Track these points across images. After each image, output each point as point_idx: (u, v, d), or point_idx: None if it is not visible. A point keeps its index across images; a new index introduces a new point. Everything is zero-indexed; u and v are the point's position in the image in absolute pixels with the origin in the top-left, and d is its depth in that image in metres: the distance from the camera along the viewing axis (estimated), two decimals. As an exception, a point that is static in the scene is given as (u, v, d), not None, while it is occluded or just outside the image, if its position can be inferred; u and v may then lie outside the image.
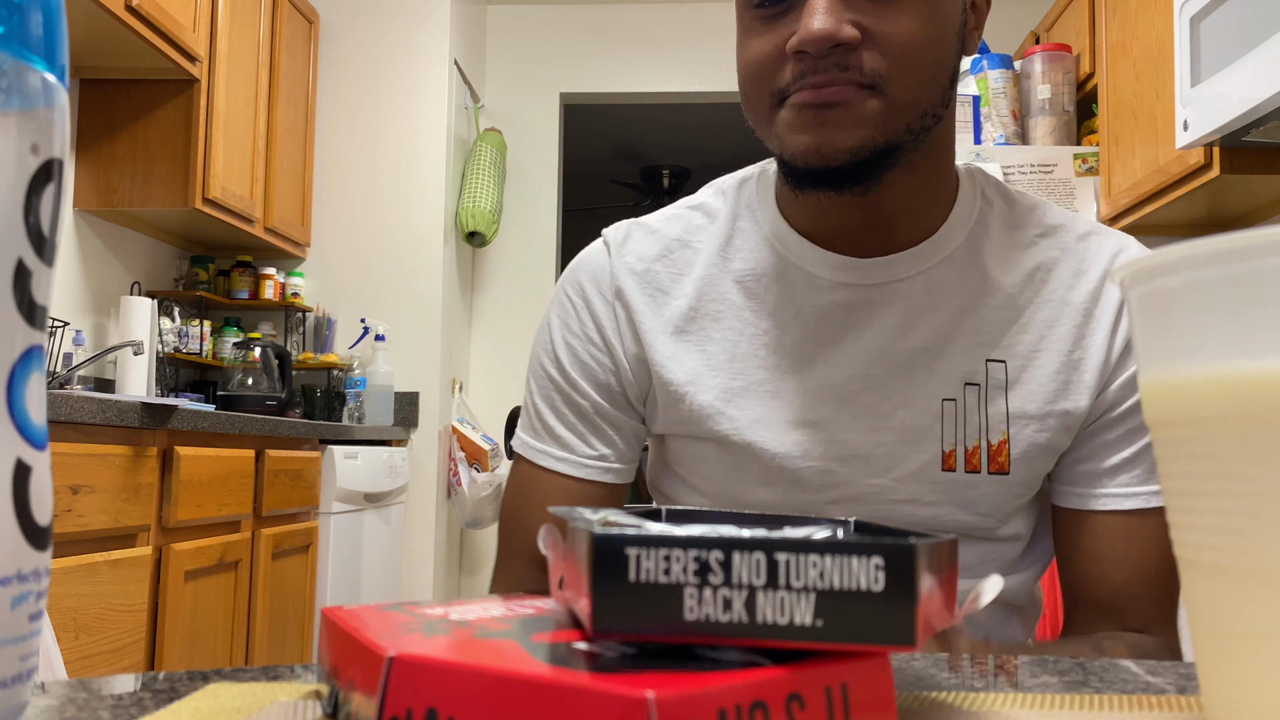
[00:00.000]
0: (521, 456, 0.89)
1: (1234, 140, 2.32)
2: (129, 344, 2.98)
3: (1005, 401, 0.79)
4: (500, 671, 0.29)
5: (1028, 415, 0.79)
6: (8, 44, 0.30)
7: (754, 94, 0.76)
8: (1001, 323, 0.80)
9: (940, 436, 0.79)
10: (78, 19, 2.60)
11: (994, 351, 0.79)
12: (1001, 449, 0.79)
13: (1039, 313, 0.80)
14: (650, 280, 0.86)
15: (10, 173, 0.30)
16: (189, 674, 0.46)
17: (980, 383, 0.79)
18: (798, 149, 0.74)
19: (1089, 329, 0.80)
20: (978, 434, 0.79)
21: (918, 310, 0.80)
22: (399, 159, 3.96)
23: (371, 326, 3.85)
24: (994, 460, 0.79)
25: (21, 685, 0.31)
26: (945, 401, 0.79)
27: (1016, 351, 0.79)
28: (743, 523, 0.46)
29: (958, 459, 0.79)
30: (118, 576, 2.03)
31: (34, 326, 0.31)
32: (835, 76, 0.71)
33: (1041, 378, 0.79)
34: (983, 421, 0.79)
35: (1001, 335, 0.79)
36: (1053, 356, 0.79)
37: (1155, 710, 0.41)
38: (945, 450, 0.79)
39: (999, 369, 0.79)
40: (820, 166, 0.73)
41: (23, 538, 0.30)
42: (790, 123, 0.74)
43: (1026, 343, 0.79)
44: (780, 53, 0.73)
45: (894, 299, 0.80)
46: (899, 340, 0.80)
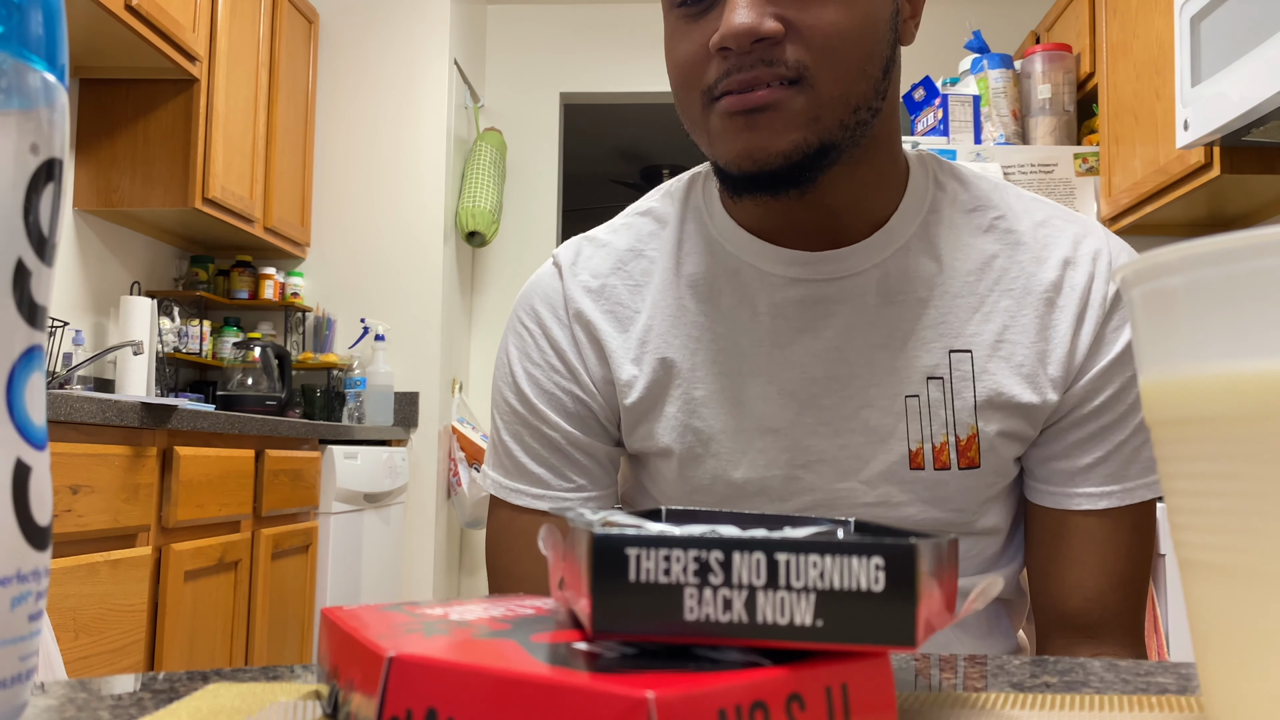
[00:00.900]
0: (496, 498, 0.86)
1: (1234, 140, 2.32)
2: (129, 344, 2.98)
3: (973, 394, 0.77)
4: (500, 671, 0.29)
5: (995, 407, 0.77)
6: (8, 44, 0.30)
7: (684, 96, 0.75)
8: (963, 311, 0.77)
9: (906, 435, 0.77)
10: (78, 19, 2.59)
11: (958, 342, 0.77)
12: (970, 443, 0.77)
13: (1001, 301, 0.78)
14: (608, 296, 0.83)
15: (10, 173, 0.30)
16: (189, 674, 0.46)
17: (944, 376, 0.77)
18: (730, 155, 0.72)
19: (1052, 319, 0.77)
20: (945, 429, 0.77)
21: (875, 305, 0.78)
22: (399, 159, 3.96)
23: (371, 326, 3.85)
24: (964, 455, 0.77)
25: (21, 685, 0.31)
26: (909, 398, 0.77)
27: (981, 341, 0.77)
28: (743, 523, 0.46)
29: (925, 456, 0.77)
30: (117, 576, 2.03)
31: (34, 326, 0.31)
32: (761, 73, 0.69)
33: (1008, 369, 0.77)
34: (949, 416, 0.77)
35: (964, 325, 0.77)
36: (1018, 347, 0.77)
37: (1155, 710, 0.41)
38: (912, 449, 0.77)
39: (964, 359, 0.77)
40: (754, 171, 0.72)
41: (22, 538, 0.30)
42: (720, 130, 0.72)
43: (990, 332, 0.77)
44: (705, 51, 0.71)
45: (850, 294, 0.78)
46: (858, 337, 0.77)
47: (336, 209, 3.94)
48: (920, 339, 0.77)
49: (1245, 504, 0.30)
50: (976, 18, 4.28)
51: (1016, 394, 0.76)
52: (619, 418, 0.83)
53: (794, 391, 0.78)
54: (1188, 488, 0.32)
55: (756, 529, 0.43)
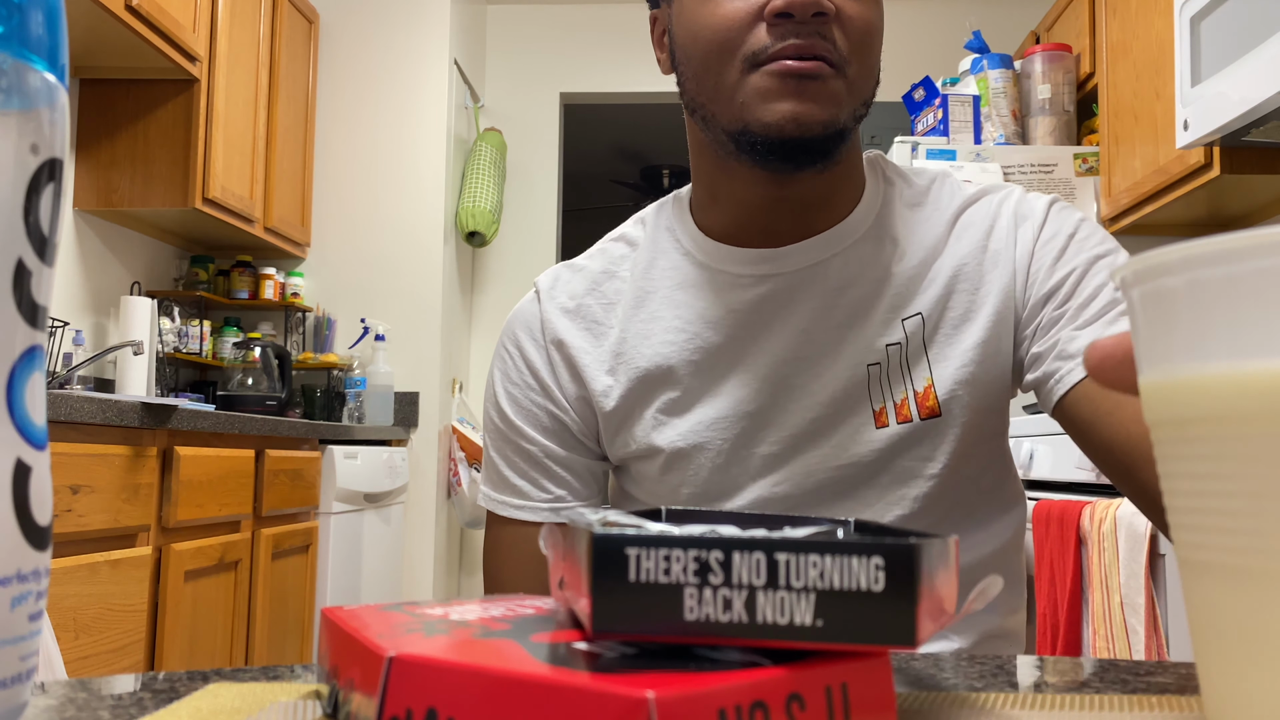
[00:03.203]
0: (489, 512, 0.92)
1: (1234, 140, 2.32)
2: (129, 344, 2.98)
3: (925, 351, 0.82)
4: (500, 671, 0.29)
5: (946, 357, 0.81)
6: (8, 44, 0.30)
7: (718, 58, 0.76)
8: (913, 283, 0.83)
9: (869, 398, 0.82)
10: (78, 19, 2.59)
11: (909, 310, 0.82)
12: (928, 394, 0.81)
13: (944, 266, 0.83)
14: (584, 315, 0.89)
15: (10, 173, 0.30)
16: (189, 674, 0.46)
17: (900, 341, 0.82)
18: (773, 117, 0.74)
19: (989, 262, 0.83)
20: (904, 387, 0.82)
21: (837, 289, 0.83)
22: (399, 159, 3.96)
23: (371, 326, 3.85)
24: (923, 406, 0.81)
25: (21, 685, 0.31)
26: (870, 366, 0.82)
27: (929, 303, 0.82)
28: (743, 523, 0.46)
29: (889, 414, 0.82)
30: (118, 576, 2.03)
31: (34, 326, 0.31)
32: (817, 43, 0.73)
33: (953, 318, 0.82)
34: (905, 374, 0.82)
35: (914, 295, 0.82)
36: (961, 298, 0.82)
37: (1155, 710, 0.41)
38: (875, 409, 0.82)
39: (915, 322, 0.82)
40: (795, 136, 0.74)
41: (22, 538, 0.30)
42: (766, 90, 0.74)
43: (934, 293, 0.82)
44: (755, 16, 0.74)
45: (814, 281, 0.83)
46: (823, 319, 0.82)
47: (336, 209, 3.94)
48: (879, 313, 0.82)
49: (1245, 504, 0.30)
50: (976, 18, 4.28)
51: (963, 339, 0.81)
52: (597, 432, 0.89)
53: (766, 376, 0.83)
54: (1188, 488, 0.32)
55: (756, 529, 0.43)
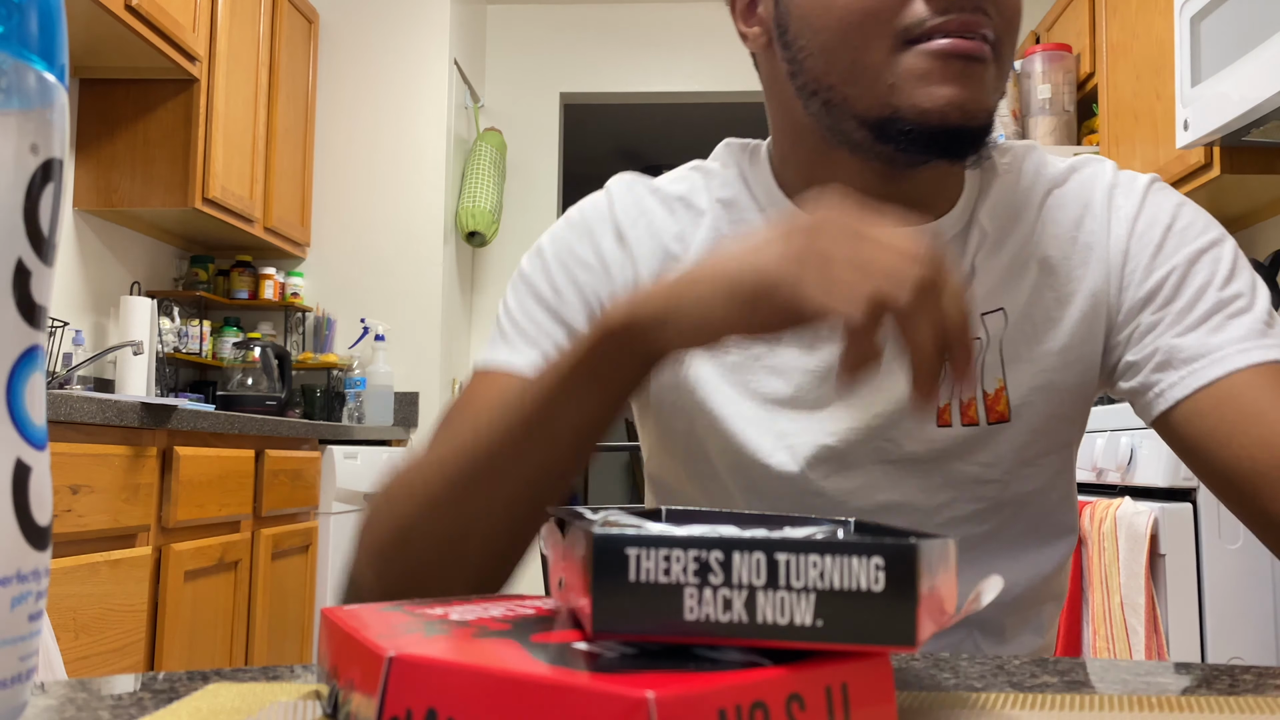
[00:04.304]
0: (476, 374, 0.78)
1: (1234, 140, 2.32)
2: (128, 344, 2.98)
3: (1000, 348, 0.75)
4: (500, 671, 0.29)
5: (1023, 358, 0.75)
6: (7, 44, 0.30)
7: (860, 31, 0.67)
8: (999, 276, 0.76)
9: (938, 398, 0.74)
10: (77, 19, 2.59)
11: (992, 304, 0.75)
12: (999, 397, 0.75)
13: (1031, 259, 0.77)
14: (653, 233, 0.79)
15: (10, 173, 0.30)
16: (188, 674, 0.46)
17: (980, 338, 0.75)
18: (933, 103, 0.66)
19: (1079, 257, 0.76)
20: (971, 386, 0.75)
21: None
22: (399, 159, 3.96)
23: (371, 326, 3.85)
24: (992, 410, 0.75)
25: (21, 685, 0.31)
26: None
27: (1013, 299, 0.76)
28: (743, 523, 0.46)
29: (952, 413, 0.75)
30: (117, 576, 2.03)
31: (34, 326, 0.31)
32: (981, 20, 0.66)
33: (1036, 318, 0.76)
34: (977, 371, 0.74)
35: (999, 289, 0.76)
36: (1046, 296, 0.76)
37: (1155, 710, 0.41)
38: (940, 406, 0.75)
39: (997, 319, 0.75)
40: (958, 124, 0.66)
41: (22, 538, 0.30)
42: (925, 71, 0.66)
43: (1020, 289, 0.76)
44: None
45: None
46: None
47: (336, 209, 3.94)
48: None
49: None
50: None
51: (1043, 342, 0.75)
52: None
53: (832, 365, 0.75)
54: None
55: (756, 529, 0.43)
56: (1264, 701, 0.43)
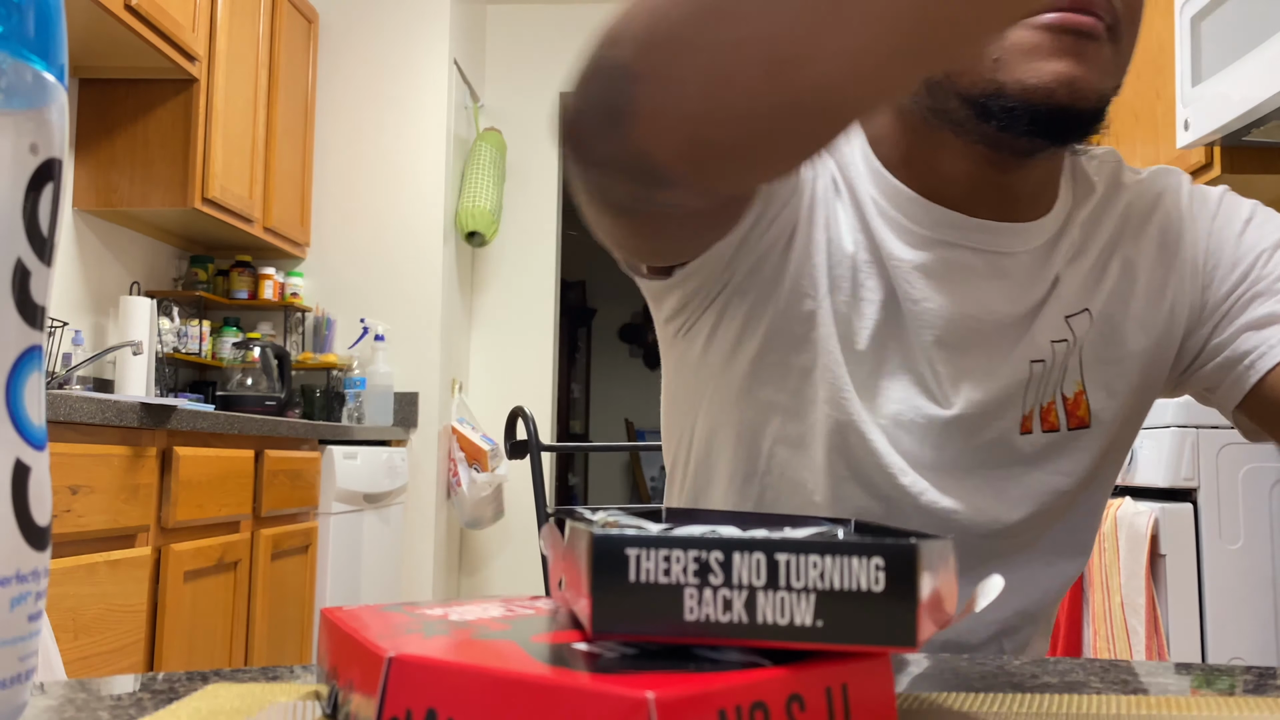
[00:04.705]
0: None
1: (1235, 140, 2.32)
2: (128, 344, 2.98)
3: (1079, 352, 0.74)
4: (500, 672, 0.29)
5: (1105, 360, 0.74)
6: (7, 44, 0.30)
7: None
8: (1086, 279, 0.75)
9: (1023, 400, 0.73)
10: (77, 19, 2.59)
11: (1077, 306, 0.74)
12: (1078, 401, 0.74)
13: (1115, 263, 0.76)
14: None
15: (9, 173, 0.30)
16: (188, 674, 0.46)
17: (1067, 340, 0.73)
18: (1040, 78, 0.62)
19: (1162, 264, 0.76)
20: (1052, 390, 0.73)
21: (1014, 283, 0.73)
22: (399, 159, 3.96)
23: (371, 326, 3.85)
24: (1072, 415, 0.74)
25: (21, 686, 0.31)
26: (1034, 364, 0.73)
27: (1098, 301, 0.74)
28: (743, 523, 0.46)
29: (1034, 420, 0.74)
30: (117, 577, 2.03)
31: (33, 326, 0.31)
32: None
33: (1119, 320, 0.75)
34: (1058, 377, 0.73)
35: (1086, 291, 0.75)
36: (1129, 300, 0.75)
37: (1155, 710, 0.41)
38: (1024, 414, 0.73)
39: (1083, 320, 0.74)
40: (1066, 103, 0.63)
41: (22, 538, 0.30)
42: (1034, 46, 0.62)
43: (1104, 291, 0.75)
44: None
45: (991, 270, 0.73)
46: (992, 310, 0.72)
47: (336, 209, 3.94)
48: (1049, 311, 0.74)
49: None
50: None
51: (1131, 341, 0.75)
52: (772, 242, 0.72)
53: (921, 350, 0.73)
54: None
55: (756, 529, 0.43)
56: (1264, 701, 0.43)
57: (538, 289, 4.39)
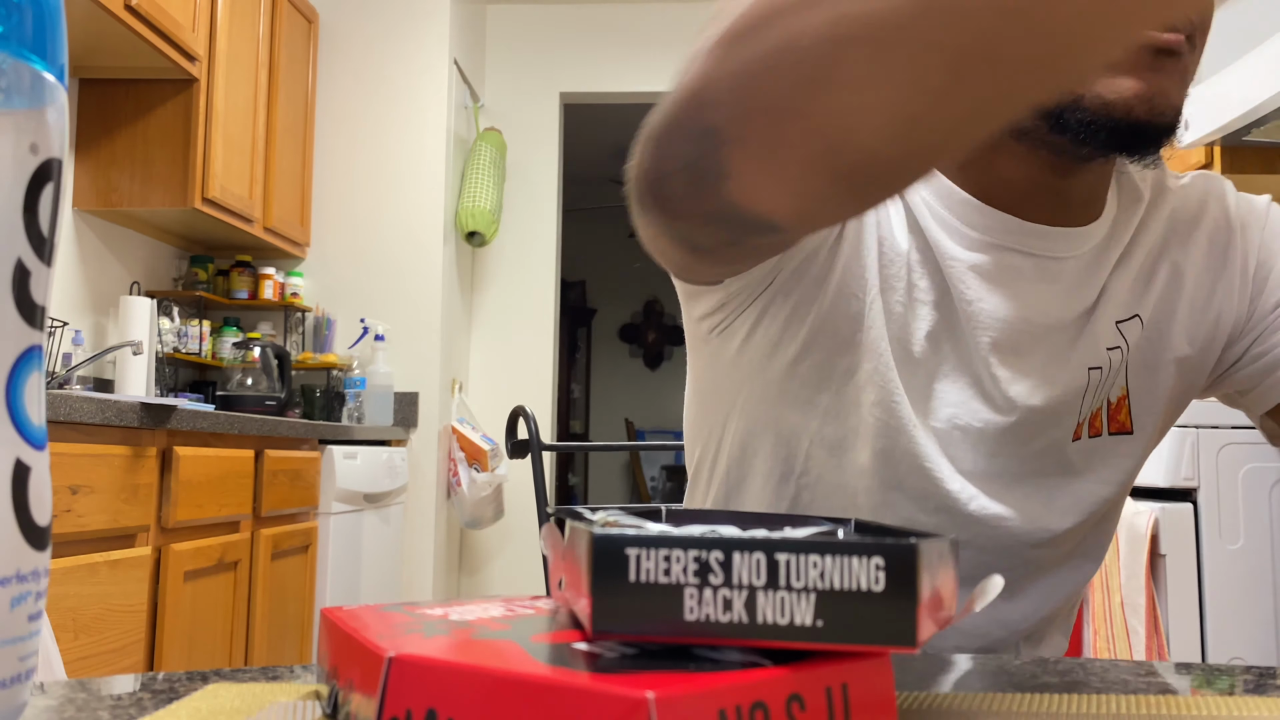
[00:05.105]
0: None
1: (1235, 140, 2.32)
2: (128, 344, 2.98)
3: (1124, 358, 0.74)
4: (500, 672, 0.29)
5: (1148, 363, 0.74)
6: (7, 44, 0.30)
7: None
8: (1135, 285, 0.75)
9: (1080, 408, 0.72)
10: (77, 19, 2.59)
11: (1125, 312, 0.74)
12: (1121, 405, 0.74)
13: (1161, 270, 0.76)
14: None
15: (9, 172, 0.30)
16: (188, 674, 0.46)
17: (1121, 347, 0.73)
18: (1119, 94, 0.62)
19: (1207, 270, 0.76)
20: (1099, 396, 0.74)
21: (1065, 289, 0.73)
22: (399, 159, 3.96)
23: (371, 326, 3.85)
24: (1114, 420, 0.74)
25: (20, 686, 0.31)
26: (1092, 370, 0.72)
27: (1147, 307, 0.75)
28: (743, 523, 0.46)
29: (1084, 427, 0.74)
30: (117, 577, 2.03)
31: (33, 326, 0.31)
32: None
33: (1163, 326, 0.75)
34: (1110, 382, 0.74)
35: (1135, 298, 0.75)
36: (1175, 305, 0.75)
37: (1155, 710, 0.41)
38: (1079, 422, 0.73)
39: (1134, 326, 0.74)
40: (1145, 120, 0.62)
41: (22, 538, 0.30)
42: (1115, 61, 0.61)
43: (1152, 298, 0.75)
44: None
45: (1043, 274, 0.72)
46: (1045, 315, 0.72)
47: (336, 209, 3.94)
48: (1101, 318, 0.73)
49: None
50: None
51: (1164, 351, 0.75)
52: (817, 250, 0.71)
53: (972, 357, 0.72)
54: None
55: (756, 529, 0.43)
56: (1264, 701, 0.43)
57: (538, 289, 4.39)
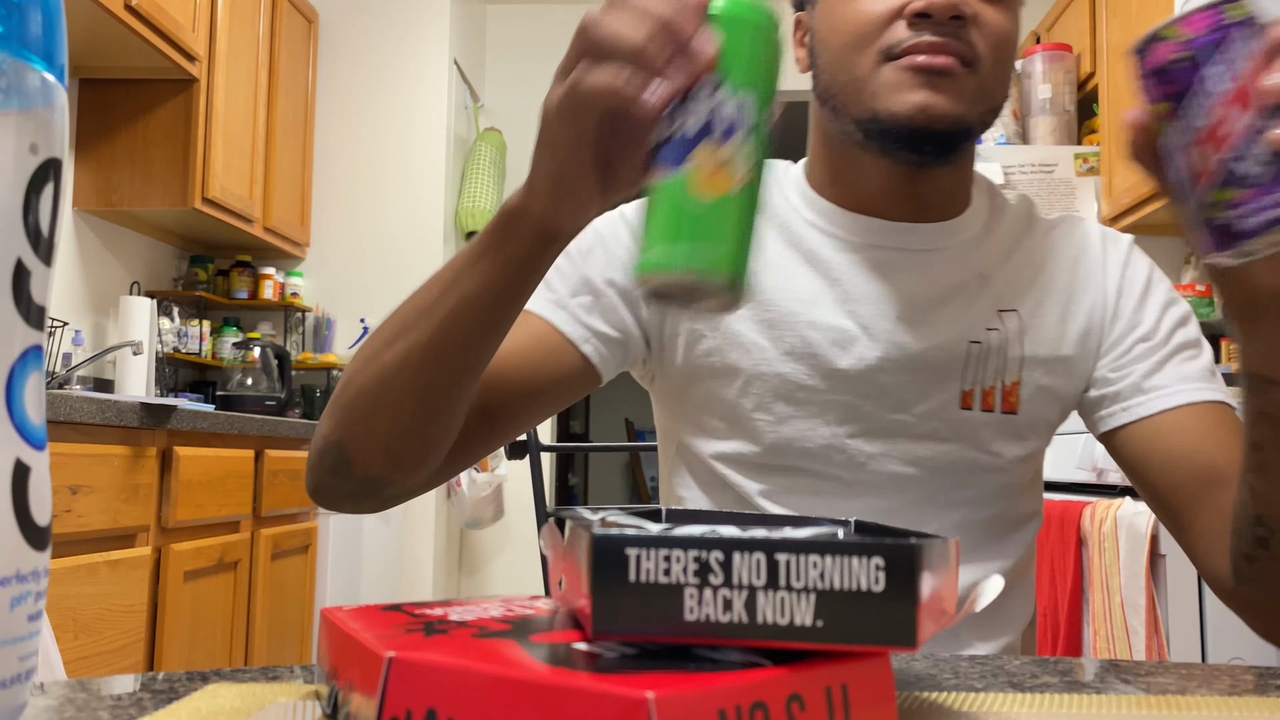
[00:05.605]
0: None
1: (1234, 140, 2.32)
2: (128, 344, 2.98)
3: (1022, 348, 0.85)
4: (500, 672, 0.29)
5: (1038, 359, 0.85)
6: (7, 44, 0.30)
7: (853, 51, 0.80)
8: (1013, 285, 0.87)
9: (961, 376, 0.84)
10: (77, 19, 2.59)
11: (1008, 305, 0.86)
12: (1014, 390, 0.85)
13: (1040, 279, 0.88)
14: None
15: (10, 172, 0.30)
16: (188, 674, 0.46)
17: (999, 330, 0.86)
18: (903, 107, 0.78)
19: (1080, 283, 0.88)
20: (994, 377, 0.85)
21: (942, 274, 0.86)
22: (399, 159, 3.96)
23: (371, 326, 3.85)
24: (1006, 400, 0.85)
25: (21, 685, 0.31)
26: (972, 344, 0.85)
27: (1026, 306, 0.86)
28: (743, 523, 0.46)
29: (975, 398, 0.85)
30: (117, 577, 2.03)
31: (33, 326, 0.31)
32: (950, 43, 0.77)
33: (1046, 326, 0.86)
34: (1000, 364, 0.85)
35: (1014, 295, 0.87)
36: (1054, 310, 0.87)
37: (1155, 710, 0.41)
38: (964, 389, 0.85)
39: (1014, 318, 0.86)
40: (923, 126, 0.78)
41: (22, 538, 0.30)
42: (898, 82, 0.78)
43: (1031, 300, 0.87)
44: (895, 13, 0.79)
45: (922, 264, 0.86)
46: (927, 293, 0.85)
47: (336, 209, 3.94)
48: (981, 302, 0.86)
49: None
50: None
51: (1053, 349, 0.86)
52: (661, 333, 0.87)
53: (865, 327, 0.84)
54: None
55: (756, 529, 0.43)
56: (1264, 702, 0.43)
57: (538, 289, 4.39)
